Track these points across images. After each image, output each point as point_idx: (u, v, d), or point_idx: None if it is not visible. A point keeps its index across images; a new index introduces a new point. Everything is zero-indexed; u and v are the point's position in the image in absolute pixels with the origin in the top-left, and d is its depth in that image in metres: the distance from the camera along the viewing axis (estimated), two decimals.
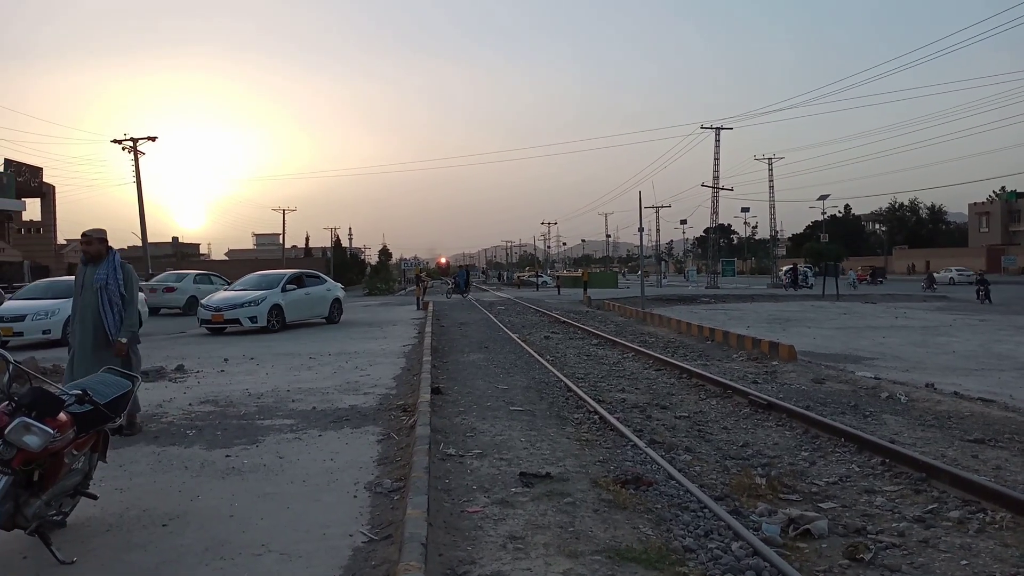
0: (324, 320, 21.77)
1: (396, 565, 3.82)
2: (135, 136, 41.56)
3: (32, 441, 3.71)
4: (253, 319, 18.99)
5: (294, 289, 20.56)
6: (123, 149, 41.85)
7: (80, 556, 4.25)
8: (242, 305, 19.17)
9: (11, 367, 3.98)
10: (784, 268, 59.88)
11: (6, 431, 3.67)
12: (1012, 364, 13.38)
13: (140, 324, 8.68)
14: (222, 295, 20.81)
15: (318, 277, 22.73)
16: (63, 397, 4.00)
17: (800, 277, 51.77)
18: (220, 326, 19.04)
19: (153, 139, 42.24)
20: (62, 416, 4.00)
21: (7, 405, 3.84)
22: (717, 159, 58.16)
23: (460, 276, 44.39)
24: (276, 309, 19.55)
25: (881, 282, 60.23)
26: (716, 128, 57.15)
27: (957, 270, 61.36)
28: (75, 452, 4.30)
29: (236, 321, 18.84)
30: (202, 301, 20.67)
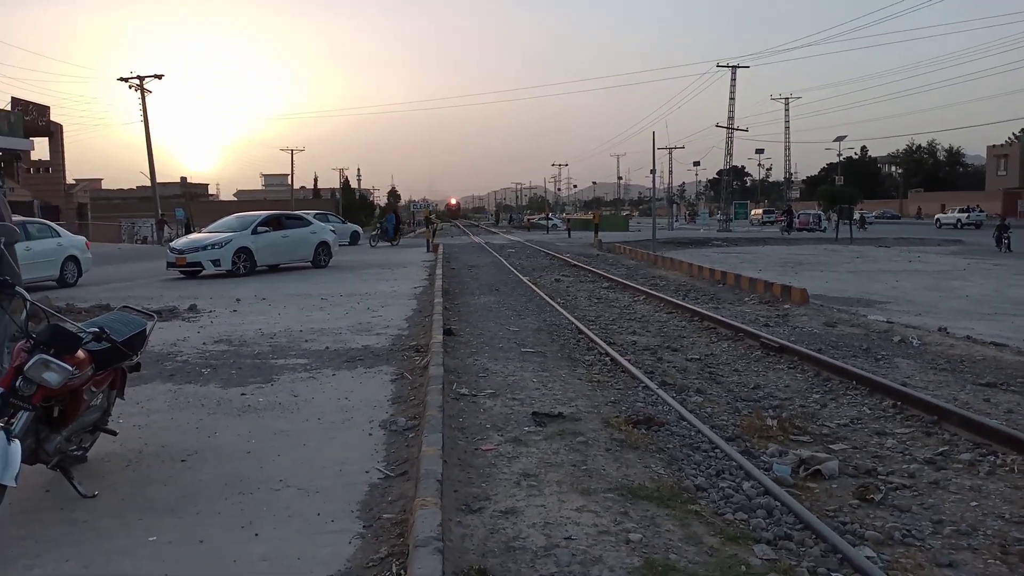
0: (309, 264, 20.88)
1: (412, 500, 3.88)
2: (141, 74, 41.17)
3: (51, 378, 3.74)
4: (216, 262, 18.24)
5: (266, 232, 19.70)
6: (130, 87, 41.54)
7: (101, 490, 4.33)
8: (205, 248, 18.44)
9: (28, 305, 4.00)
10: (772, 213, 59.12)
11: (26, 368, 3.70)
12: None
13: None
14: (190, 237, 20.02)
15: (301, 219, 21.86)
16: (80, 335, 4.02)
17: (813, 219, 51.33)
18: (188, 270, 18.28)
19: (159, 77, 41.88)
20: (80, 353, 4.03)
21: (26, 342, 3.87)
22: (732, 99, 57.26)
23: (388, 221, 36.73)
24: (244, 252, 18.74)
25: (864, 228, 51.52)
26: (732, 67, 56.12)
27: (960, 210, 57.74)
28: (94, 389, 4.35)
29: (199, 264, 18.15)
30: (171, 243, 20.01)
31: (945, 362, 8.31)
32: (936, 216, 60.88)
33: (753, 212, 79.23)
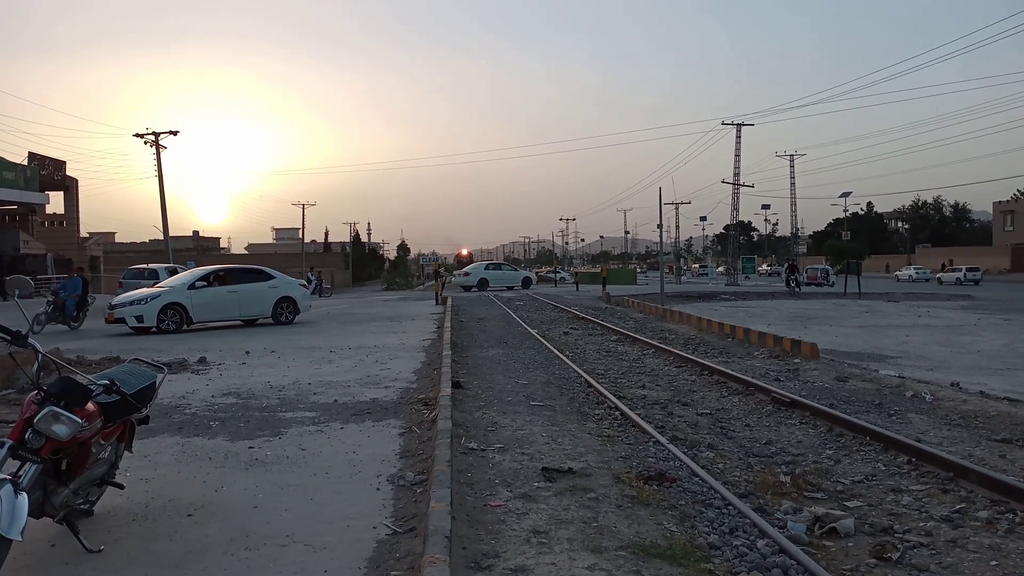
0: (270, 320, 20.02)
1: (421, 558, 3.82)
2: (157, 131, 41.93)
3: (61, 430, 3.74)
4: (139, 318, 17.77)
5: (205, 287, 19.01)
6: (145, 143, 42.25)
7: (107, 545, 4.28)
8: (133, 303, 18.05)
9: (40, 357, 4.02)
10: (780, 265, 58.99)
11: (36, 420, 3.70)
12: None
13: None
14: (131, 292, 19.71)
15: (261, 273, 20.72)
16: (91, 387, 4.02)
17: (821, 273, 51.30)
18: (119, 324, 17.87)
19: (175, 133, 42.59)
20: (90, 406, 4.03)
21: (36, 394, 3.87)
22: (738, 155, 57.82)
23: (67, 288, 19.66)
24: (173, 308, 18.18)
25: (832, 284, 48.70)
26: (737, 124, 56.84)
27: (968, 269, 57.06)
28: (102, 442, 4.34)
29: (123, 320, 17.75)
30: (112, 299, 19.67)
31: (959, 417, 8.21)
32: (938, 274, 60.37)
33: (760, 267, 79.75)
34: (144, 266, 32.89)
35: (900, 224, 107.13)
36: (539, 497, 5.16)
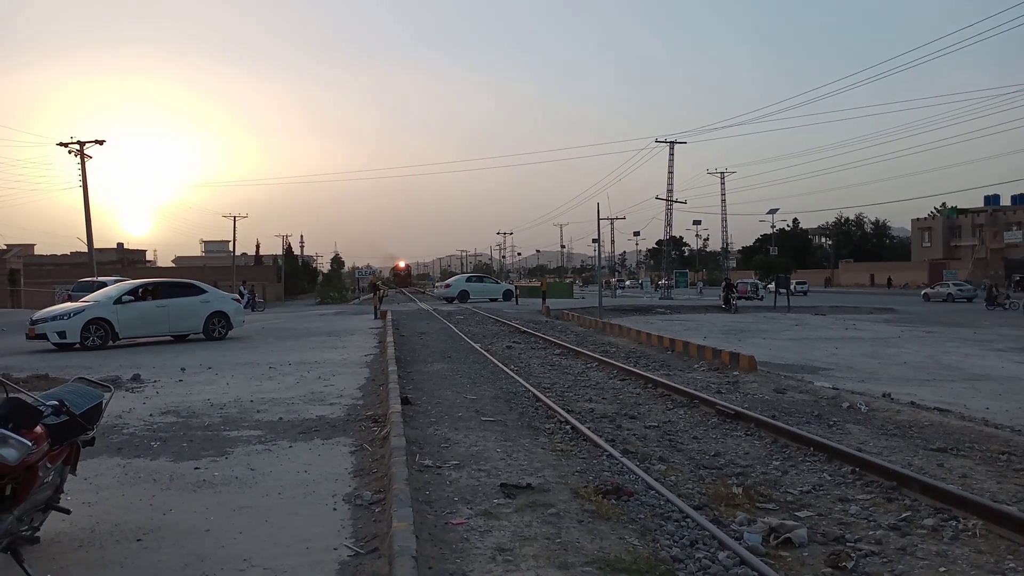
0: (202, 335, 19.46)
1: None
2: (82, 139, 40.50)
3: (9, 454, 3.55)
4: (62, 334, 17.10)
5: (133, 301, 18.36)
6: (69, 152, 40.73)
7: (53, 573, 4.09)
8: (55, 318, 17.40)
9: None
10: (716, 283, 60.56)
11: None
12: (961, 375, 13.78)
13: None
14: (53, 307, 18.94)
15: (192, 287, 20.15)
16: (40, 408, 3.83)
17: (751, 288, 52.63)
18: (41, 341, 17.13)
19: (101, 143, 41.18)
20: (38, 428, 3.84)
21: None
22: (671, 172, 59.07)
23: None
24: (98, 323, 17.49)
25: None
26: (671, 142, 58.08)
27: (798, 282, 58.19)
28: (48, 465, 4.13)
29: (44, 337, 17.01)
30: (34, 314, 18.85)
31: (894, 427, 8.52)
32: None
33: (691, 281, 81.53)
34: (93, 279, 31.87)
35: (824, 240, 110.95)
36: (500, 514, 5.13)
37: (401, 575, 3.70)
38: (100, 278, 32.27)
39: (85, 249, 43.07)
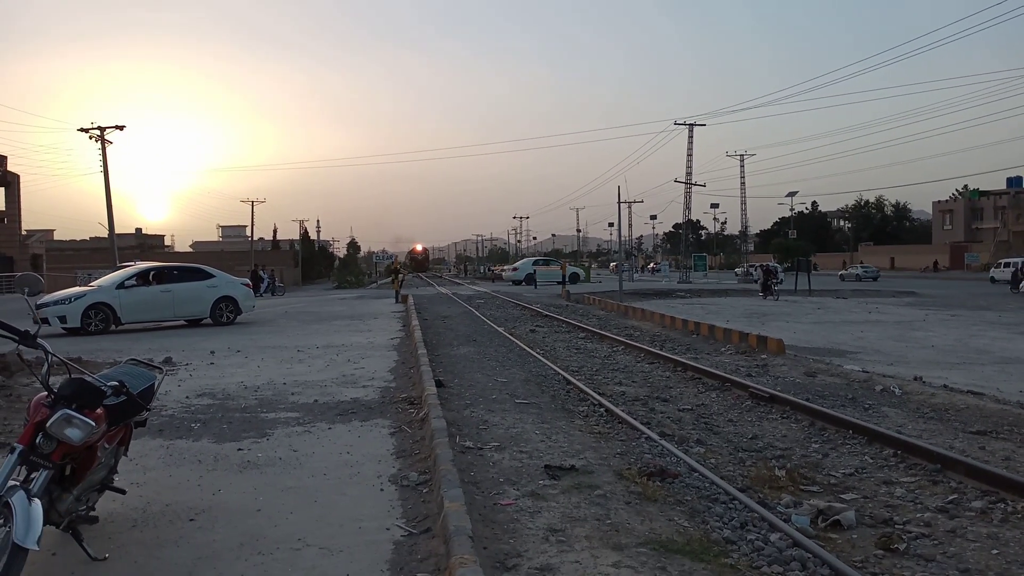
0: (210, 320, 19.21)
1: (447, 559, 3.78)
2: (103, 125, 40.69)
3: (74, 434, 3.59)
4: (62, 319, 16.97)
5: (136, 286, 18.21)
6: (90, 138, 40.93)
7: (111, 552, 4.14)
8: (57, 303, 17.20)
9: (50, 358, 3.86)
10: (752, 265, 59.86)
11: (48, 423, 3.55)
12: (991, 359, 13.65)
13: None
14: (60, 291, 18.72)
15: (199, 272, 19.76)
16: (103, 388, 3.87)
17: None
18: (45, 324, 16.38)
19: (121, 128, 41.34)
20: (99, 409, 3.88)
21: (46, 397, 3.72)
22: (690, 155, 58.62)
23: None
24: (99, 308, 17.37)
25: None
26: (689, 124, 57.58)
27: (863, 267, 59.55)
28: (107, 445, 4.19)
29: (46, 321, 16.50)
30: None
31: (931, 411, 8.45)
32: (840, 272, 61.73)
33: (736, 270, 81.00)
34: (132, 264, 31.95)
35: (843, 223, 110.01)
36: (547, 495, 5.14)
37: (462, 554, 3.71)
38: (141, 263, 32.19)
39: (105, 234, 43.42)
